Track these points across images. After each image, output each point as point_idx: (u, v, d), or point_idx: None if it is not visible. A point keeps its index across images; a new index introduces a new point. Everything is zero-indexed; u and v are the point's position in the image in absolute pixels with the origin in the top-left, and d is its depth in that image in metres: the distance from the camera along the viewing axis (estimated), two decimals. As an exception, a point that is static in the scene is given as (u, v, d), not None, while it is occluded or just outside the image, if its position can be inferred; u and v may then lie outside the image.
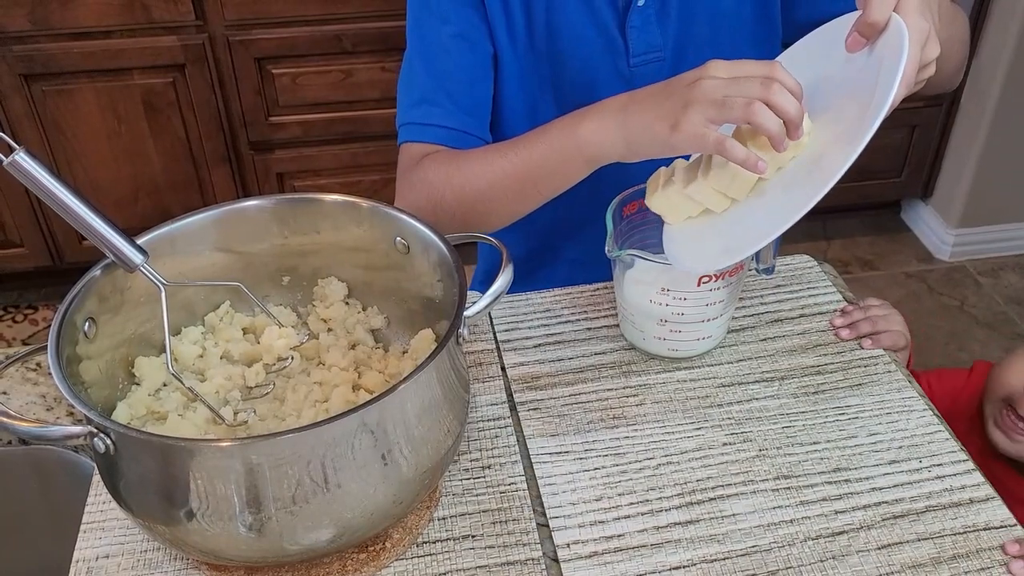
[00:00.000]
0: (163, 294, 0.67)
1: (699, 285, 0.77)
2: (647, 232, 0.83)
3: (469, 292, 0.68)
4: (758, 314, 0.90)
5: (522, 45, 0.92)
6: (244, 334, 0.78)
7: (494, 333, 0.88)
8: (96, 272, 0.67)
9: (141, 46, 1.76)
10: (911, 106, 2.13)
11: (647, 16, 0.90)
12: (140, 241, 0.68)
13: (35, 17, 1.68)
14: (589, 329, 0.88)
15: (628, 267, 0.80)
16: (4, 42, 1.71)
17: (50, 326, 0.63)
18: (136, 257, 0.66)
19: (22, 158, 0.60)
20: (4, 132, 0.64)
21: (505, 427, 0.78)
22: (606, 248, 0.77)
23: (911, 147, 2.19)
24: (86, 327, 0.66)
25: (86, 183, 1.88)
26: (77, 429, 0.57)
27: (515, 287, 0.88)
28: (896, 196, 2.34)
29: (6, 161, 0.60)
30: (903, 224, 2.39)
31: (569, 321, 0.90)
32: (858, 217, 2.35)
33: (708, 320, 0.81)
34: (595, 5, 0.90)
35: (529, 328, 0.89)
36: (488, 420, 0.79)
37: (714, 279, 0.77)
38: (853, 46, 0.67)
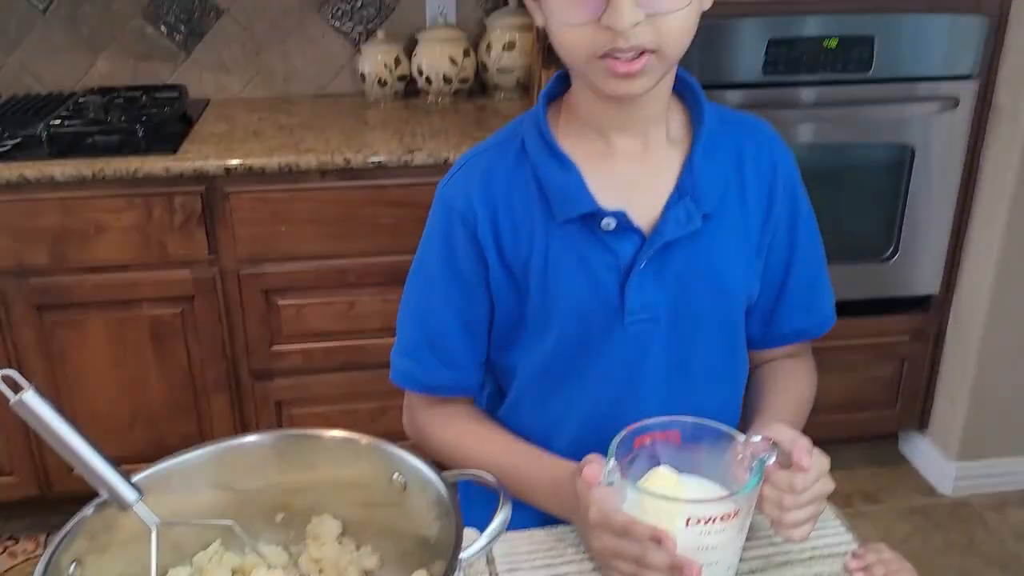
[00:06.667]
0: (154, 534, 0.66)
1: (688, 525, 0.74)
2: (642, 464, 0.82)
3: (467, 530, 0.67)
4: (767, 556, 0.87)
5: (525, 299, 0.94)
6: (233, 575, 0.75)
7: (492, 573, 0.85)
8: (88, 511, 0.66)
9: (154, 279, 1.82)
10: (896, 340, 2.17)
11: (645, 276, 0.90)
12: (136, 478, 0.68)
13: (55, 253, 1.76)
14: (594, 570, 0.85)
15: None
16: (23, 275, 1.77)
17: (30, 559, 0.61)
18: (130, 495, 0.65)
19: (30, 398, 0.61)
20: (10, 359, 0.66)
21: None
22: (602, 474, 0.76)
23: (902, 379, 2.21)
24: (71, 569, 0.64)
25: (84, 410, 1.88)
26: None
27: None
28: (892, 427, 2.33)
29: (13, 400, 0.61)
30: (903, 456, 2.36)
31: (573, 561, 0.87)
32: (857, 449, 2.32)
33: (706, 565, 0.77)
34: (592, 268, 0.90)
35: (531, 569, 0.86)
36: (484, 672, 0.74)
37: (703, 523, 0.74)
38: None
